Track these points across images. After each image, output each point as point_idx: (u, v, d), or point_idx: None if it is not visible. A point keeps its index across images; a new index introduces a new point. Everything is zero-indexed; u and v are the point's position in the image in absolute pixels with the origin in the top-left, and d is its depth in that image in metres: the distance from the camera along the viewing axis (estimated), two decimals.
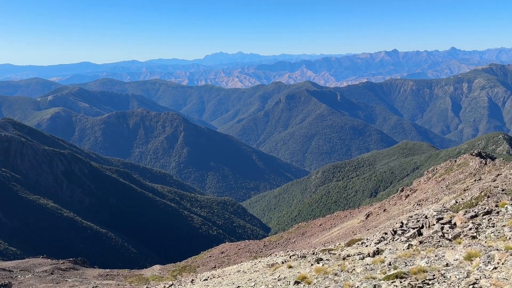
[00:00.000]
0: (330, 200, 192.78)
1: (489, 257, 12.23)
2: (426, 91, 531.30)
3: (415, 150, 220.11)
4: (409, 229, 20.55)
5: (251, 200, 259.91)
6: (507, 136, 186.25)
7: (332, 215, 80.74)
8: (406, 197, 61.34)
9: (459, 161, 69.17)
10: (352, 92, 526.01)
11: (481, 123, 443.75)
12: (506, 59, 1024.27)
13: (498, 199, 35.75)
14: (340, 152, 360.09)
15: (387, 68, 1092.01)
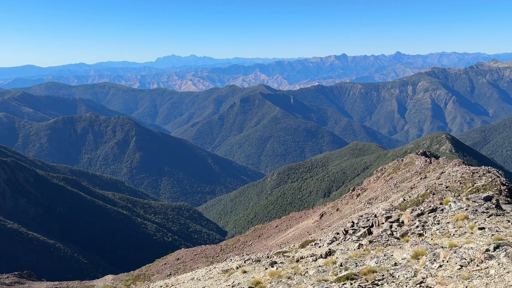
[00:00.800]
0: (286, 201, 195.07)
1: (435, 255, 12.49)
2: (374, 94, 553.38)
3: (364, 151, 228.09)
4: (360, 228, 20.96)
5: (207, 204, 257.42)
6: (449, 136, 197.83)
7: (288, 216, 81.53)
8: (358, 196, 63.20)
9: (405, 160, 72.36)
10: (304, 95, 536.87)
11: (425, 124, 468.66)
12: (447, 63, 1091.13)
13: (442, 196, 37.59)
14: (294, 154, 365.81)
15: (337, 71, 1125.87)
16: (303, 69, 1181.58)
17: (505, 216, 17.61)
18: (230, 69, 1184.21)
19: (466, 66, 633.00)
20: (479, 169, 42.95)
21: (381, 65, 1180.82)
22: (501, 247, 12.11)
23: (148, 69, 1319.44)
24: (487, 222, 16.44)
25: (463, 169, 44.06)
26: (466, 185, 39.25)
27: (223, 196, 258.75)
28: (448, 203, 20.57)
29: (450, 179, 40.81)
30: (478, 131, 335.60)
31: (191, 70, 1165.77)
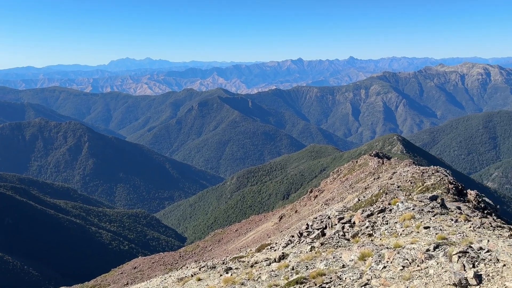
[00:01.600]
0: (246, 205, 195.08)
1: (380, 256, 12.76)
2: (329, 97, 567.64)
3: (321, 153, 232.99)
4: (314, 230, 21.26)
5: (165, 210, 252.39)
6: (400, 137, 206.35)
7: (248, 219, 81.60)
8: (315, 198, 64.33)
9: (360, 161, 74.57)
10: (262, 99, 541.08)
11: (378, 126, 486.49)
12: (397, 67, 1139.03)
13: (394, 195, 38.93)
14: (254, 157, 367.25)
15: (294, 76, 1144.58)
16: (261, 73, 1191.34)
17: (448, 215, 18.42)
18: (187, 72, 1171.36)
19: (415, 70, 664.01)
20: (428, 169, 45.01)
21: (335, 69, 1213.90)
22: (440, 246, 12.48)
23: (101, 73, 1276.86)
24: (432, 221, 17.04)
25: (413, 169, 46.00)
26: (416, 185, 40.96)
27: (182, 202, 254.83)
28: (396, 203, 21.25)
29: (402, 179, 42.47)
30: (427, 132, 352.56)
31: (146, 74, 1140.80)
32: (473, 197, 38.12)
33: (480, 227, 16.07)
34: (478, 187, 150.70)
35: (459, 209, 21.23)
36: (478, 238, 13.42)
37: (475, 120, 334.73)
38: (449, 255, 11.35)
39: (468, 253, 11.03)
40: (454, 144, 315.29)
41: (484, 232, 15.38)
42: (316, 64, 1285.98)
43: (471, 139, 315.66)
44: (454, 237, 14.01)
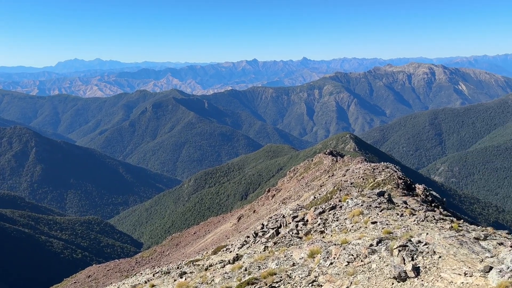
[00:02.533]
0: (204, 207, 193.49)
1: (328, 252, 13.10)
2: (284, 97, 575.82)
3: (278, 152, 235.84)
4: (269, 230, 21.51)
5: (119, 216, 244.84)
6: (352, 136, 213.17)
7: (206, 221, 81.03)
8: (273, 197, 65.12)
9: (315, 160, 76.36)
10: (218, 100, 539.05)
11: (332, 125, 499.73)
12: (348, 68, 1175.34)
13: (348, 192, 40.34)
14: (211, 159, 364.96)
15: (249, 76, 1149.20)
16: (216, 74, 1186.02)
17: (395, 210, 19.12)
18: (139, 73, 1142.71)
19: (365, 71, 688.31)
20: (379, 165, 46.95)
21: (289, 70, 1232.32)
22: (383, 241, 12.86)
23: (48, 74, 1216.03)
24: (379, 216, 17.65)
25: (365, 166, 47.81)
26: (368, 181, 42.64)
27: (137, 206, 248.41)
28: (346, 200, 21.95)
29: (354, 176, 44.04)
30: (378, 130, 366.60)
31: (96, 75, 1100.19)
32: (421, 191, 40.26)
33: (423, 220, 16.73)
34: (425, 182, 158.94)
35: (405, 203, 22.19)
36: (418, 232, 13.92)
37: (421, 118, 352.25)
38: (391, 249, 11.73)
39: (408, 246, 11.40)
40: (403, 141, 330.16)
41: (427, 225, 15.99)
42: (270, 65, 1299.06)
43: (419, 135, 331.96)
44: (399, 231, 14.50)
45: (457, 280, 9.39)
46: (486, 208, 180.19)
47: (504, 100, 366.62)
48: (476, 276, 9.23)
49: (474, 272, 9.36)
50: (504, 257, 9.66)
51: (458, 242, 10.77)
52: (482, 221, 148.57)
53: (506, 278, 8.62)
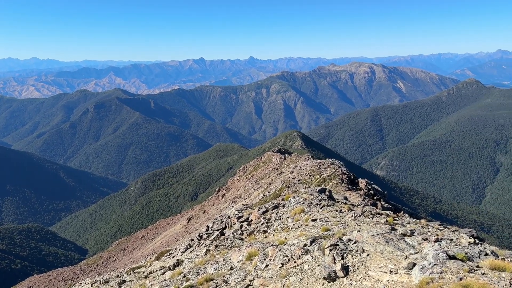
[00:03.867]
0: (152, 209, 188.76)
1: (265, 254, 12.93)
2: (232, 96, 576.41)
3: (228, 152, 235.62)
4: (213, 231, 21.10)
5: (62, 222, 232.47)
6: (300, 133, 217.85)
7: (155, 224, 79.22)
8: (223, 196, 64.91)
9: (264, 158, 77.11)
10: (165, 99, 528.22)
11: (280, 123, 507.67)
12: (294, 67, 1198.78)
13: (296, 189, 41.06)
14: (159, 160, 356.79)
15: (196, 75, 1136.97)
16: (162, 73, 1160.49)
17: (335, 206, 19.39)
18: (80, 72, 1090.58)
19: (310, 70, 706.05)
20: (324, 162, 48.32)
21: (237, 69, 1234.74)
22: (316, 240, 12.81)
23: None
24: (319, 214, 17.83)
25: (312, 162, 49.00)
26: (314, 177, 43.76)
27: (81, 212, 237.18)
28: (289, 198, 22.08)
29: (302, 173, 45.01)
30: (323, 127, 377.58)
31: (33, 75, 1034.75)
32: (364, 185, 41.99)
33: (361, 216, 17.05)
34: (368, 176, 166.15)
35: (346, 199, 22.64)
36: (355, 228, 14.15)
37: (363, 115, 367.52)
38: (322, 249, 11.74)
39: (338, 245, 11.42)
40: (347, 137, 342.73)
41: (363, 220, 16.29)
42: (218, 64, 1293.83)
43: (361, 132, 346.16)
44: (336, 228, 14.72)
45: (383, 278, 9.45)
46: (424, 199, 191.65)
47: (439, 97, 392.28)
48: (401, 273, 9.32)
49: (399, 269, 9.45)
50: (426, 253, 9.81)
51: (384, 240, 10.78)
52: (421, 212, 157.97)
53: (427, 274, 8.72)
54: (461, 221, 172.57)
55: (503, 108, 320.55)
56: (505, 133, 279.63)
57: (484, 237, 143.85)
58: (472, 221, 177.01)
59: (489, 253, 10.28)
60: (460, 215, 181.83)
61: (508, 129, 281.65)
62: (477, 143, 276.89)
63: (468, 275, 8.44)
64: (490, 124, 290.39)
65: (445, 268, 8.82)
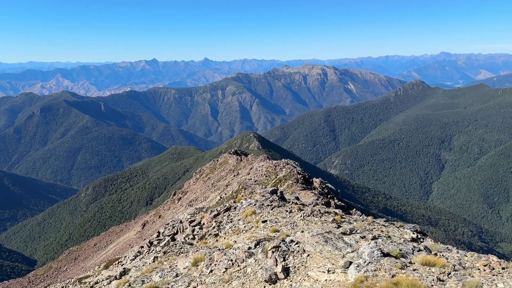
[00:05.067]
0: (105, 216, 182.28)
1: (211, 259, 12.83)
2: (187, 98, 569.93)
3: (183, 154, 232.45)
4: (165, 237, 20.53)
5: (7, 233, 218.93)
6: (256, 134, 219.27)
7: (108, 231, 76.73)
8: (179, 200, 63.98)
9: (220, 160, 76.89)
10: (116, 102, 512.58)
11: (236, 125, 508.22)
12: (249, 69, 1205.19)
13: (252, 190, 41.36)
14: (111, 164, 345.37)
15: (149, 77, 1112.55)
16: (113, 74, 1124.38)
17: (285, 207, 19.54)
18: (24, 74, 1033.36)
19: (265, 72, 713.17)
20: (280, 162, 48.97)
21: (191, 70, 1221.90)
22: (261, 243, 12.77)
23: None
24: (270, 215, 17.91)
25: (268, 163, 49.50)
26: (270, 178, 44.26)
27: (28, 221, 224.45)
28: (241, 200, 21.87)
29: (258, 174, 45.35)
30: (279, 128, 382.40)
31: None
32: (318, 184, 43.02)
33: (310, 215, 17.23)
34: (322, 175, 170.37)
35: (297, 199, 22.80)
36: (298, 229, 14.23)
37: (317, 116, 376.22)
38: (266, 251, 11.72)
39: (281, 247, 11.43)
40: (302, 138, 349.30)
41: (312, 219, 16.47)
42: (171, 65, 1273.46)
43: (315, 132, 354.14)
44: (285, 228, 14.86)
45: (322, 278, 9.55)
46: (376, 196, 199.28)
47: (387, 98, 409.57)
48: (338, 272, 9.43)
49: (336, 269, 9.57)
50: (363, 251, 9.97)
51: (323, 239, 10.90)
52: (373, 208, 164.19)
53: (362, 272, 8.83)
54: (410, 216, 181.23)
55: (446, 108, 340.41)
56: (449, 131, 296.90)
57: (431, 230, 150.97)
58: (421, 216, 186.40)
59: (422, 249, 10.53)
60: (409, 210, 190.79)
61: (452, 127, 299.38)
62: (423, 141, 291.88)
63: (400, 272, 8.60)
64: (435, 123, 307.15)
65: (379, 265, 8.98)
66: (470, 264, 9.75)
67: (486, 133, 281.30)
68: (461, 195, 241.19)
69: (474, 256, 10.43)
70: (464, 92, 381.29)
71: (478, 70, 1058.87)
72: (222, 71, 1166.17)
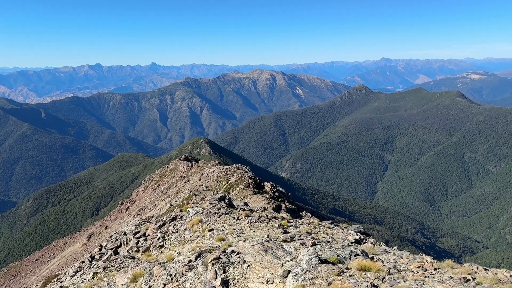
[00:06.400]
0: (47, 229, 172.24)
1: (151, 274, 12.43)
2: (134, 104, 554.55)
3: (131, 162, 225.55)
4: (107, 250, 19.52)
5: None
6: (207, 140, 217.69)
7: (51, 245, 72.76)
8: (127, 210, 62.01)
9: (170, 167, 75.53)
10: (58, 108, 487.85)
11: (186, 130, 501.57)
12: (198, 73, 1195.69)
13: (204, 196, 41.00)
14: (53, 174, 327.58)
15: (93, 82, 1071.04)
16: (54, 80, 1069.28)
17: (233, 213, 19.29)
18: None
19: (215, 77, 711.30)
20: (231, 167, 49.01)
21: (138, 75, 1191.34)
22: (202, 255, 12.47)
23: None
24: (217, 223, 17.52)
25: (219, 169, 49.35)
26: (222, 183, 44.14)
27: None
28: (187, 209, 21.16)
29: (209, 179, 45.07)
30: (230, 133, 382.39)
31: None
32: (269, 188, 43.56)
33: (257, 221, 17.00)
34: (274, 179, 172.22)
35: (246, 205, 22.52)
36: (244, 237, 14.08)
37: (267, 120, 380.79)
38: (206, 264, 11.46)
39: (221, 259, 11.22)
40: (253, 142, 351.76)
41: (258, 225, 16.32)
42: (117, 70, 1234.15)
43: (266, 136, 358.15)
44: (231, 236, 14.64)
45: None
46: (325, 197, 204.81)
47: (333, 102, 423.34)
48: (277, 282, 9.36)
49: (275, 278, 9.50)
50: (301, 259, 9.93)
51: (263, 249, 10.76)
52: (322, 209, 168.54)
53: (300, 281, 8.79)
54: (358, 216, 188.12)
55: (388, 111, 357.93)
56: (391, 133, 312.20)
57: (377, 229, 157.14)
58: (367, 215, 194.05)
59: (359, 253, 10.67)
60: (356, 210, 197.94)
61: (394, 129, 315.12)
62: (367, 143, 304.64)
63: (336, 279, 8.68)
64: (378, 125, 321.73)
65: (317, 273, 8.97)
66: (405, 266, 10.04)
67: (425, 135, 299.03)
68: (404, 194, 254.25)
69: (410, 258, 10.78)
70: (404, 96, 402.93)
71: (417, 75, 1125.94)
72: (170, 76, 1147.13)
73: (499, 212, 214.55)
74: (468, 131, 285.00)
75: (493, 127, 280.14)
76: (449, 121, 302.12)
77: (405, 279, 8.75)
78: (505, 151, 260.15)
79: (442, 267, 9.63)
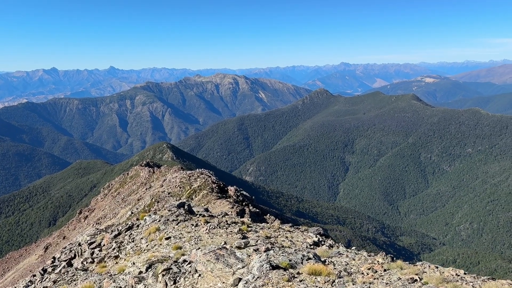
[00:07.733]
0: (1, 241, 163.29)
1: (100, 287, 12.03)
2: (92, 109, 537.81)
3: (90, 169, 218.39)
4: (61, 262, 18.76)
5: None
6: (169, 145, 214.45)
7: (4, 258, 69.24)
8: (85, 219, 59.97)
9: (131, 173, 73.77)
10: (11, 115, 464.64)
11: (147, 135, 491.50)
12: (159, 78, 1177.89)
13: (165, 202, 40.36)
14: (6, 184, 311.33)
15: (48, 87, 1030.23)
16: (6, 85, 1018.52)
17: (192, 220, 18.98)
18: None
19: (176, 81, 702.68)
20: (194, 172, 48.52)
21: (96, 79, 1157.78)
22: (153, 266, 12.17)
23: None
24: (175, 230, 17.14)
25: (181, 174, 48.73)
26: (185, 189, 43.61)
27: None
28: (144, 217, 20.62)
29: (171, 185, 44.39)
30: (193, 138, 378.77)
31: None
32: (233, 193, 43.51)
33: (216, 227, 16.79)
34: (238, 183, 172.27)
35: (206, 210, 22.18)
36: (201, 244, 13.93)
37: (231, 124, 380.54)
38: (156, 275, 11.20)
39: (172, 269, 10.97)
40: (217, 146, 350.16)
41: (217, 232, 16.14)
42: (73, 74, 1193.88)
43: (230, 140, 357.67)
44: (188, 244, 14.41)
45: None
46: (289, 199, 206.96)
47: (295, 105, 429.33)
48: None
49: (226, 287, 9.38)
50: (253, 266, 9.84)
51: (215, 257, 10.62)
52: (287, 212, 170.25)
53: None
54: (321, 217, 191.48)
55: (348, 114, 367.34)
56: (351, 135, 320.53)
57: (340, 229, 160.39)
58: (330, 216, 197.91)
59: (312, 257, 10.70)
60: (319, 212, 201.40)
61: (353, 132, 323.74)
62: (329, 145, 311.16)
63: (287, 285, 8.65)
64: (338, 128, 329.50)
65: (267, 280, 8.91)
66: (356, 268, 10.19)
67: (383, 136, 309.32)
68: (364, 194, 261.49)
69: (362, 259, 11.00)
70: (362, 99, 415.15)
71: (374, 79, 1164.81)
72: (130, 80, 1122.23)
73: (454, 210, 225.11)
74: (423, 133, 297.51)
75: (446, 128, 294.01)
76: (406, 123, 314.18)
77: (354, 282, 8.83)
78: (459, 151, 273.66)
79: (392, 268, 9.86)
